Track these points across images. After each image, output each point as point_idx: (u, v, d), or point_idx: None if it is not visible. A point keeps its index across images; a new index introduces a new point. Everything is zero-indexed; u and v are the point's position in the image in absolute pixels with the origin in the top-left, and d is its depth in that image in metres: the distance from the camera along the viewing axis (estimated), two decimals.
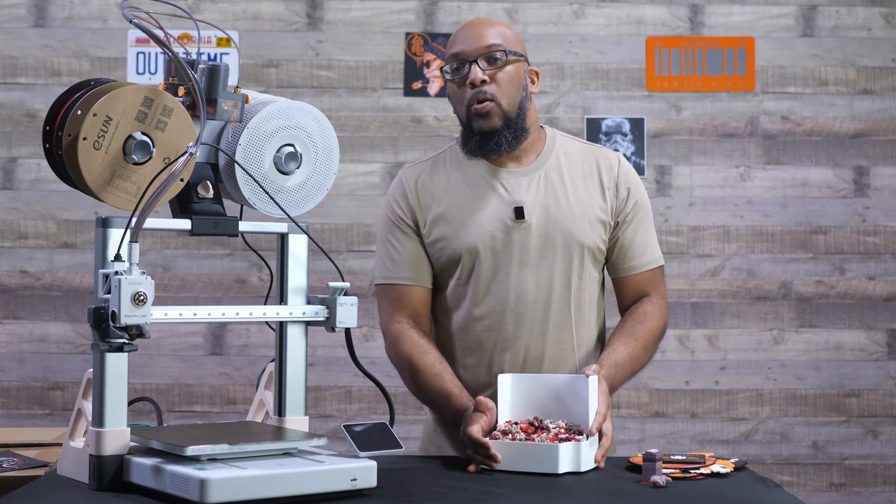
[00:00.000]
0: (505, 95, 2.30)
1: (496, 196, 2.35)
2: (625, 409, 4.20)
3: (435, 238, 2.36)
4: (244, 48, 4.16)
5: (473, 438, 2.07)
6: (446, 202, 2.36)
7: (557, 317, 2.35)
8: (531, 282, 2.33)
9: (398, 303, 2.37)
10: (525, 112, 2.35)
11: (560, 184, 2.36)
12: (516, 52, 2.33)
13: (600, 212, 2.37)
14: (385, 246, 2.40)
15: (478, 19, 2.39)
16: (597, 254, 2.38)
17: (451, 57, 2.33)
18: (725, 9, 4.26)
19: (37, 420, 4.12)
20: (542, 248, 2.33)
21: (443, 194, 2.37)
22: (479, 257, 2.32)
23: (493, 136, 2.31)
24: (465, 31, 2.35)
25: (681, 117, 4.24)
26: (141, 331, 1.72)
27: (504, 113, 2.31)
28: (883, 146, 4.27)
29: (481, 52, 2.30)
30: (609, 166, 2.41)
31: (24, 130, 4.14)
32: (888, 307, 4.25)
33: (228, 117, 1.89)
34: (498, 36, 2.32)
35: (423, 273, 2.38)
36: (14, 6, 4.16)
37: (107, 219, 1.80)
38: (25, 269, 4.14)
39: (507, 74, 2.31)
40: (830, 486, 4.23)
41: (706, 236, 4.24)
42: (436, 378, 2.28)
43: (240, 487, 1.67)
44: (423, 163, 2.45)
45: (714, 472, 2.04)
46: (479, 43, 2.30)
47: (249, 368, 4.14)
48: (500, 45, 2.31)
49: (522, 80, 2.35)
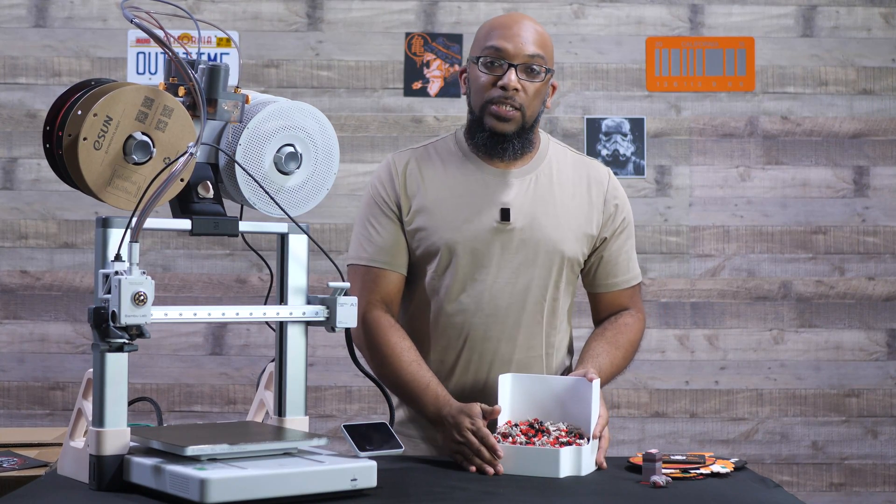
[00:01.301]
0: (529, 107, 2.30)
1: (484, 194, 2.33)
2: (625, 409, 4.20)
3: (416, 227, 2.33)
4: (244, 48, 4.16)
5: (483, 433, 2.05)
6: (432, 193, 2.33)
7: (529, 323, 2.33)
8: (507, 284, 2.31)
9: (372, 286, 2.33)
10: (537, 124, 2.36)
11: (549, 191, 2.35)
12: (550, 69, 2.32)
13: (585, 225, 2.36)
14: (365, 226, 2.36)
15: (523, 17, 2.34)
16: (575, 266, 2.37)
17: (490, 49, 2.29)
18: (725, 9, 4.27)
19: (37, 420, 4.12)
20: (522, 253, 2.31)
21: (430, 184, 2.34)
22: (458, 254, 2.30)
23: (503, 140, 2.31)
24: (511, 28, 2.30)
25: (681, 117, 4.25)
26: (141, 331, 1.72)
27: (522, 123, 2.30)
28: (883, 146, 4.27)
29: (523, 60, 2.28)
30: (599, 181, 2.40)
31: (24, 130, 4.14)
32: (888, 307, 4.25)
33: (228, 117, 1.90)
34: (541, 46, 2.30)
35: (399, 259, 2.34)
36: (14, 6, 4.16)
37: (107, 219, 1.80)
38: (26, 269, 4.14)
39: (538, 88, 2.30)
40: (830, 485, 4.24)
41: (706, 236, 4.24)
42: (413, 365, 2.25)
43: (240, 487, 1.67)
44: (415, 149, 2.42)
45: (714, 472, 2.05)
46: (524, 48, 2.28)
47: (249, 368, 4.14)
48: (542, 56, 2.29)
49: (545, 94, 2.35)
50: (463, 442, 2.08)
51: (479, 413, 2.10)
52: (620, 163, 4.21)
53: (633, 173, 4.21)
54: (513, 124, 2.29)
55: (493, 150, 2.32)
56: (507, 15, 2.36)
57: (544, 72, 2.29)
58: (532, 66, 2.28)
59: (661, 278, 4.22)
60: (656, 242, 4.22)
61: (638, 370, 4.20)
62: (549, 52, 2.32)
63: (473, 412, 2.10)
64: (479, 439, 2.05)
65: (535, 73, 2.28)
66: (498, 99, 2.28)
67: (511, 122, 2.29)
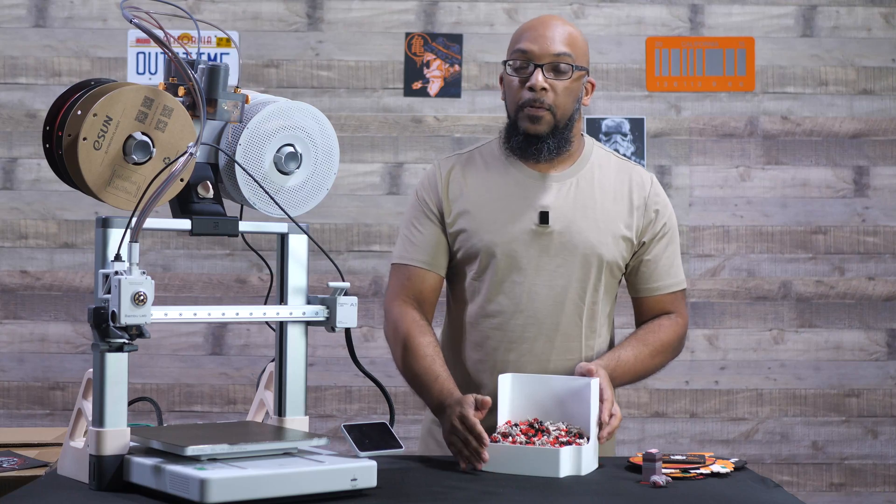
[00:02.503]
0: (560, 106, 2.30)
1: (524, 197, 2.34)
2: (625, 409, 4.20)
3: (457, 229, 2.36)
4: (244, 48, 4.16)
5: (471, 422, 2.05)
6: (474, 196, 2.36)
7: (568, 326, 2.34)
8: (545, 287, 2.32)
9: (407, 283, 2.37)
10: (573, 123, 2.35)
11: (590, 195, 2.36)
12: (581, 66, 2.33)
13: (625, 229, 2.36)
14: (409, 228, 2.41)
15: (552, 18, 2.37)
16: (615, 269, 2.37)
17: (517, 52, 2.32)
18: (725, 9, 4.27)
19: (37, 420, 4.12)
20: (560, 255, 2.32)
21: (472, 188, 2.37)
22: (496, 256, 2.32)
23: (536, 141, 2.31)
24: (537, 29, 2.32)
25: (681, 117, 4.25)
26: (141, 331, 1.72)
27: (555, 122, 2.31)
28: (883, 146, 4.27)
29: (549, 59, 2.29)
30: (641, 185, 2.40)
31: (24, 130, 4.14)
32: (888, 307, 4.25)
33: (228, 117, 1.90)
34: (569, 44, 2.30)
35: (438, 260, 2.38)
36: (14, 6, 4.16)
37: (107, 219, 1.80)
38: (25, 269, 4.14)
39: (568, 86, 2.31)
40: (830, 485, 4.24)
41: (706, 236, 4.24)
42: (427, 359, 2.27)
43: (240, 487, 1.67)
44: (460, 155, 2.45)
45: (714, 472, 2.05)
46: (550, 48, 2.29)
47: (249, 368, 4.14)
48: (570, 55, 2.30)
49: (579, 93, 2.35)
50: (452, 430, 2.09)
51: (471, 403, 2.10)
52: None
53: None
54: (545, 125, 2.31)
55: (527, 151, 2.33)
56: (537, 18, 2.38)
57: (572, 70, 2.30)
58: (558, 65, 2.29)
59: None
60: None
61: None
62: (579, 50, 2.32)
63: (466, 402, 2.11)
64: (467, 427, 2.06)
65: (562, 72, 2.29)
66: (528, 101, 2.29)
67: (543, 123, 2.30)
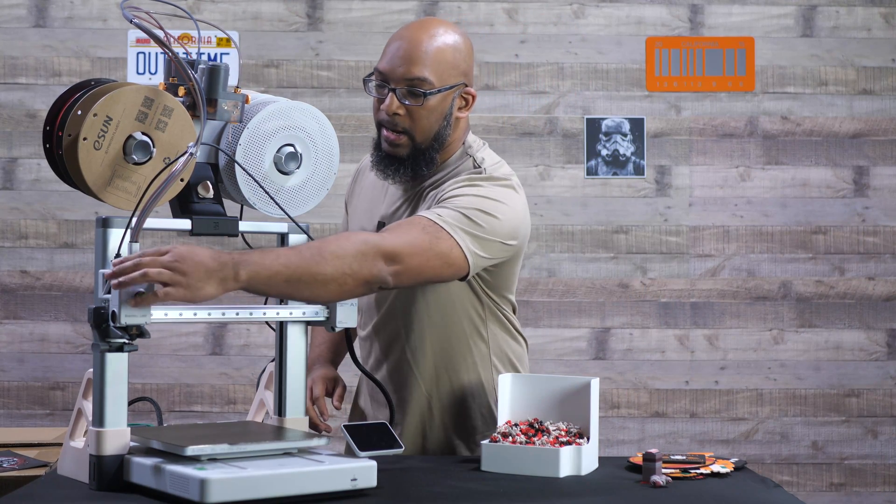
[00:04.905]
0: (420, 129, 2.17)
1: (380, 205, 2.32)
2: (625, 409, 4.20)
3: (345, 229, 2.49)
4: (244, 48, 4.16)
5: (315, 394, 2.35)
6: (356, 200, 2.44)
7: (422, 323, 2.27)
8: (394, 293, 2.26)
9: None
10: (442, 141, 2.20)
11: (425, 207, 2.20)
12: (444, 87, 2.16)
13: None
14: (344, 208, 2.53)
15: (420, 30, 2.18)
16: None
17: (376, 70, 2.19)
18: (725, 9, 4.27)
19: (37, 420, 4.12)
20: None
21: (358, 191, 2.44)
22: None
23: (394, 162, 2.20)
24: (396, 46, 2.17)
25: (680, 117, 4.25)
26: (141, 331, 1.72)
27: (413, 145, 2.18)
28: (883, 146, 4.27)
29: (404, 83, 2.14)
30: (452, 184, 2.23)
31: (24, 130, 4.14)
32: (888, 307, 4.25)
33: (228, 117, 1.90)
34: (429, 66, 2.14)
35: None
36: (14, 6, 4.16)
37: (107, 219, 1.80)
38: (25, 269, 4.14)
39: (427, 108, 2.16)
40: (830, 485, 4.24)
41: (706, 236, 4.24)
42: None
43: (240, 487, 1.67)
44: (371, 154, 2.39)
45: (714, 472, 2.05)
46: (405, 70, 2.14)
47: (249, 368, 4.14)
48: (427, 79, 2.14)
49: (447, 110, 2.19)
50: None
51: (320, 378, 2.39)
52: (620, 163, 4.21)
53: (633, 173, 4.21)
54: (402, 149, 2.18)
55: (383, 171, 2.22)
56: (400, 31, 2.21)
57: (425, 96, 2.14)
58: (413, 91, 2.14)
59: (661, 278, 4.22)
60: (656, 242, 4.22)
61: (638, 370, 4.20)
62: (440, 71, 2.15)
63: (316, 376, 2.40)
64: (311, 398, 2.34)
65: (416, 96, 2.14)
66: (385, 122, 2.18)
67: (400, 147, 2.18)
